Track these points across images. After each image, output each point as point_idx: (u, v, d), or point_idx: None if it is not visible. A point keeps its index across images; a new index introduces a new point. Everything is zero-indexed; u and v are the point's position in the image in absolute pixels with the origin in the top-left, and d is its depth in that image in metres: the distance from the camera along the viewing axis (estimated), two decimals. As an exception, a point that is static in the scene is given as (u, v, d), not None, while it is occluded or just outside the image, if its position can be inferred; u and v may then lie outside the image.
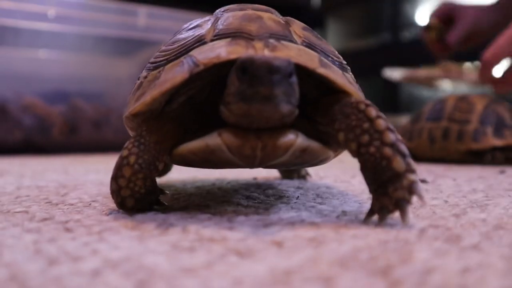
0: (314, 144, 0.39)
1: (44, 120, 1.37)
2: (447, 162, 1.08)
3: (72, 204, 0.47)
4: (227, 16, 0.42)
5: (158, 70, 0.40)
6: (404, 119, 1.61)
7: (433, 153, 1.11)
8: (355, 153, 0.36)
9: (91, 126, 1.42)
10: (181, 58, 0.39)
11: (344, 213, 0.41)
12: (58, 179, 0.71)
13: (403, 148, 0.35)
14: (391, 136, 0.35)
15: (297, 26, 0.43)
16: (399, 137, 0.36)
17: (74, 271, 0.25)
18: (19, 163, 1.06)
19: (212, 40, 0.39)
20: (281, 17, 0.45)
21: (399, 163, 0.34)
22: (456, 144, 1.07)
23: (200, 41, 0.40)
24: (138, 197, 0.40)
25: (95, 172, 0.84)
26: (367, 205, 0.41)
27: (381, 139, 0.35)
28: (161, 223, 0.37)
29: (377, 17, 2.54)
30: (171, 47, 0.41)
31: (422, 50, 1.55)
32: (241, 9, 0.43)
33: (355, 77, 0.45)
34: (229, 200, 0.47)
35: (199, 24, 0.43)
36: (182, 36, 0.42)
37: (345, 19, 2.71)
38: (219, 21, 0.42)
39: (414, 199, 0.35)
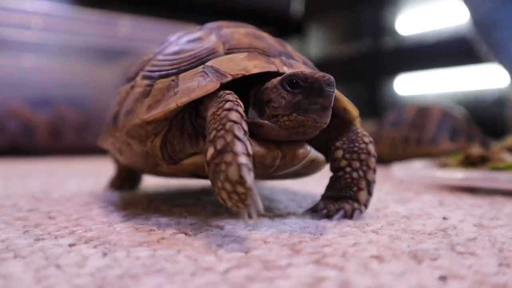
0: (320, 156, 0.44)
1: (28, 125, 1.43)
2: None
3: (54, 199, 0.54)
4: (230, 32, 0.44)
5: (170, 79, 0.40)
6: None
7: (395, 155, 1.20)
8: (340, 169, 0.44)
9: (74, 131, 1.49)
10: (199, 68, 0.40)
11: (286, 207, 0.49)
12: (42, 180, 0.78)
13: (373, 188, 0.44)
14: (372, 176, 0.44)
15: (289, 46, 0.47)
16: (375, 178, 0.44)
17: (55, 244, 0.33)
18: (5, 166, 1.12)
19: (226, 53, 0.41)
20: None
21: (363, 196, 0.43)
22: (415, 147, 1.17)
23: (213, 53, 0.41)
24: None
25: (77, 174, 0.91)
26: (305, 205, 0.49)
27: (366, 172, 0.43)
28: (129, 212, 0.45)
29: (359, 24, 2.62)
30: (177, 57, 0.42)
31: (403, 57, 1.61)
32: (236, 26, 0.46)
33: (337, 82, 0.51)
34: (192, 197, 0.55)
35: (200, 36, 0.45)
36: (186, 47, 0.43)
37: (326, 25, 2.79)
38: (223, 35, 0.44)
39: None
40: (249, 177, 0.31)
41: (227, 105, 0.35)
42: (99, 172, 0.94)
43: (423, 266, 0.28)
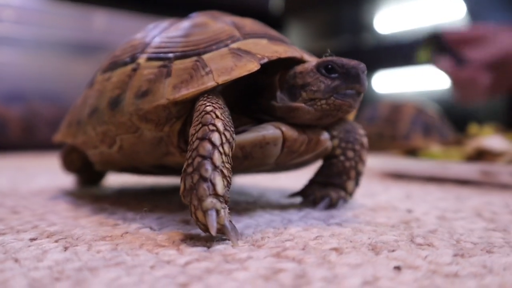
0: (330, 143, 0.45)
1: (0, 120, 1.41)
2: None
3: (22, 194, 0.54)
4: (237, 19, 0.45)
5: (192, 59, 0.40)
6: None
7: (371, 150, 1.22)
8: (334, 157, 0.45)
9: (48, 126, 1.47)
10: (224, 50, 0.40)
11: (255, 201, 0.50)
12: (12, 175, 0.77)
13: (360, 179, 0.46)
14: (362, 167, 0.46)
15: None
16: (364, 171, 0.46)
17: (16, 238, 0.33)
18: (-24, 161, 1.10)
19: (245, 38, 0.42)
20: None
21: (351, 185, 0.46)
22: (390, 143, 1.18)
23: (231, 37, 0.41)
24: None
25: (48, 169, 0.90)
26: (274, 198, 0.50)
27: (357, 163, 0.45)
28: (96, 207, 0.44)
29: (338, 21, 2.63)
30: (190, 39, 0.42)
31: (381, 54, 1.62)
32: (228, 15, 0.46)
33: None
34: (161, 192, 0.55)
35: (204, 22, 0.44)
36: (196, 31, 0.42)
37: (305, 22, 2.79)
38: (232, 22, 0.44)
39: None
40: (214, 222, 0.31)
41: (201, 130, 0.34)
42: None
43: (381, 257, 0.29)
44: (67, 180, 0.69)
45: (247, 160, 0.41)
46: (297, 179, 0.70)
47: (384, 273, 0.26)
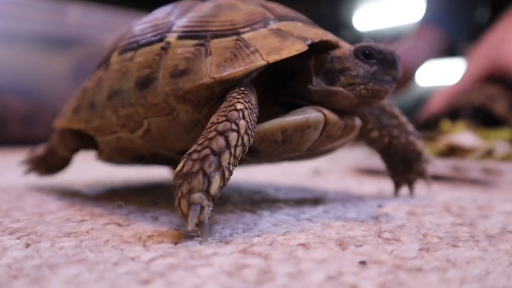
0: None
1: (-29, 115, 1.37)
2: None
3: (-12, 191, 0.52)
4: (263, 2, 0.44)
5: (231, 38, 0.39)
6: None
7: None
8: (386, 145, 0.49)
9: (21, 122, 1.44)
10: (264, 30, 0.40)
11: (226, 196, 0.49)
12: (-19, 171, 0.76)
13: (417, 132, 0.49)
14: (410, 127, 0.49)
15: None
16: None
17: (-23, 235, 0.32)
18: None
19: (280, 20, 0.41)
20: None
21: (420, 144, 0.49)
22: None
23: (265, 18, 0.41)
24: None
25: (19, 165, 0.88)
26: (246, 194, 0.49)
27: (406, 130, 0.49)
28: (64, 203, 0.44)
29: (316, 18, 2.64)
30: (225, 18, 0.41)
31: None
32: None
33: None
34: (134, 186, 0.55)
35: (233, 3, 0.43)
36: (225, 11, 0.42)
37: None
38: (261, 4, 0.43)
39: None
40: (195, 218, 0.30)
41: (227, 122, 0.33)
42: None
43: (347, 252, 0.29)
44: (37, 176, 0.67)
45: (284, 144, 0.40)
46: (269, 172, 0.70)
47: (349, 268, 0.26)
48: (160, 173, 0.71)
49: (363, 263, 0.27)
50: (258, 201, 0.46)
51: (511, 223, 0.38)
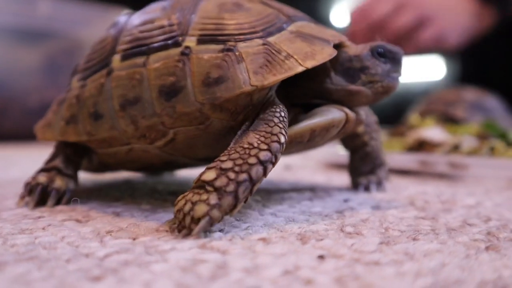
0: None
1: None
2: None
3: None
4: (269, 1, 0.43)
5: (257, 43, 0.38)
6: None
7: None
8: (365, 143, 0.51)
9: (-15, 117, 1.40)
10: (285, 33, 0.39)
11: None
12: None
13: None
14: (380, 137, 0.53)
15: None
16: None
17: None
18: None
19: (293, 21, 0.41)
20: None
21: (384, 156, 0.53)
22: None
23: (281, 19, 0.40)
24: None
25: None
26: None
27: (379, 137, 0.52)
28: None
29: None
30: (242, 21, 0.39)
31: None
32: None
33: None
34: (100, 183, 0.53)
35: (238, 1, 0.41)
36: (240, 11, 0.40)
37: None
38: (261, 2, 0.42)
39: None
40: (203, 229, 0.30)
41: (263, 154, 0.33)
42: (10, 160, 0.89)
43: (307, 246, 0.29)
44: (1, 173, 0.66)
45: (308, 142, 0.41)
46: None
47: (306, 262, 0.25)
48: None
49: (321, 257, 0.26)
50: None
51: (472, 216, 0.38)
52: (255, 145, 0.33)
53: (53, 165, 0.44)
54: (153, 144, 0.40)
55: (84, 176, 0.58)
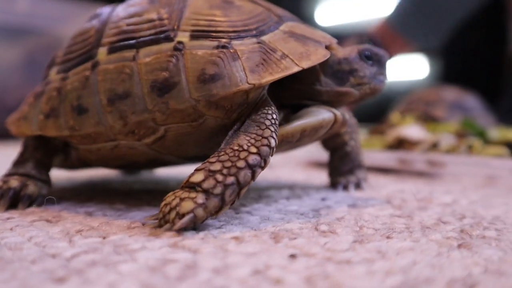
0: None
1: None
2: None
3: None
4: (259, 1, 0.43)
5: (252, 41, 0.38)
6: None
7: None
8: (345, 143, 0.51)
9: (-35, 114, 1.37)
10: (278, 32, 0.39)
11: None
12: None
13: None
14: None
15: None
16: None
17: None
18: None
19: (284, 21, 0.41)
20: None
21: (363, 158, 0.53)
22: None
23: (272, 19, 0.40)
24: None
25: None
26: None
27: (357, 141, 0.53)
28: None
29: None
30: (234, 18, 0.39)
31: None
32: None
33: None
34: (73, 182, 0.53)
35: (230, 0, 0.41)
36: (232, 8, 0.40)
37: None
38: (256, 1, 0.42)
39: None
40: (185, 225, 0.30)
41: (251, 158, 0.33)
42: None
43: (280, 245, 0.28)
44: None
45: (297, 142, 0.42)
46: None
47: (277, 262, 0.25)
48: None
49: (293, 256, 0.26)
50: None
51: (447, 214, 0.38)
52: (245, 147, 0.34)
53: (24, 172, 0.42)
54: (141, 141, 0.39)
55: (57, 174, 0.57)
